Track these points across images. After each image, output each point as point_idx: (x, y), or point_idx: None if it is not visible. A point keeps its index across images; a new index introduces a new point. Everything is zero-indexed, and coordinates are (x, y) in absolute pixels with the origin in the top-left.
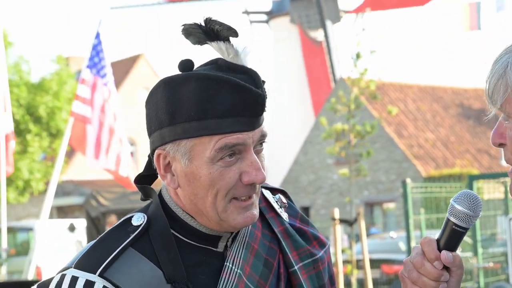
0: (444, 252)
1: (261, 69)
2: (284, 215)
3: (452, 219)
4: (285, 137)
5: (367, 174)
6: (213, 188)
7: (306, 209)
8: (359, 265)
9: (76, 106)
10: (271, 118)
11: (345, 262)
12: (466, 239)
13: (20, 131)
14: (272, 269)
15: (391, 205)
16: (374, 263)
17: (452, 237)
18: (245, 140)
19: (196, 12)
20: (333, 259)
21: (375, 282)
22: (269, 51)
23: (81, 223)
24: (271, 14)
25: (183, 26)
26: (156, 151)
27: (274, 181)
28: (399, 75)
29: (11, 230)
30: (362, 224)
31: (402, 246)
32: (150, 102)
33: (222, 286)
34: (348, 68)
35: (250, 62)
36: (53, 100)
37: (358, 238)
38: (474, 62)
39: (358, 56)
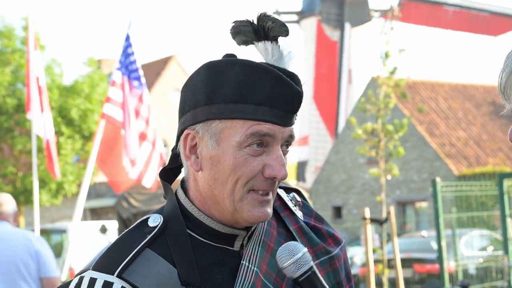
0: None
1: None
2: (299, 214)
3: (295, 276)
4: (318, 137)
5: (397, 173)
6: (235, 174)
7: (338, 209)
8: (391, 264)
9: (107, 108)
10: (303, 118)
11: (377, 261)
12: (497, 237)
13: None
14: None
15: (423, 204)
16: (406, 263)
17: (308, 286)
18: (276, 133)
19: (227, 13)
20: (364, 259)
21: (407, 281)
22: (300, 51)
23: (113, 225)
24: (302, 14)
25: (233, 24)
26: (186, 131)
27: (307, 180)
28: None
29: (45, 232)
30: (393, 223)
31: (434, 245)
32: (189, 84)
33: (239, 284)
34: (377, 67)
35: (293, 66)
36: (85, 103)
37: (389, 237)
38: None
39: (387, 55)
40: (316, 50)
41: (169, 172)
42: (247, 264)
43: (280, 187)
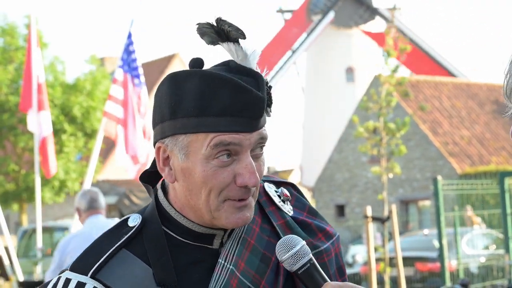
0: None
1: (296, 67)
2: (286, 208)
3: (294, 269)
4: (320, 135)
5: (399, 172)
6: (206, 186)
7: (341, 207)
8: (392, 263)
9: (109, 106)
10: (306, 116)
11: (379, 260)
12: (498, 235)
13: (55, 131)
14: (270, 264)
15: (426, 203)
16: (408, 261)
17: (307, 279)
18: (242, 141)
19: (230, 10)
20: (366, 257)
21: (409, 280)
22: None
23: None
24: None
25: (197, 25)
26: (157, 144)
27: (309, 179)
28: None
29: (47, 230)
30: (395, 222)
31: (436, 243)
32: (156, 96)
33: (214, 283)
34: (379, 66)
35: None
36: (87, 100)
37: (391, 236)
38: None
39: (389, 53)
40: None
41: (151, 175)
42: (223, 262)
43: (271, 181)
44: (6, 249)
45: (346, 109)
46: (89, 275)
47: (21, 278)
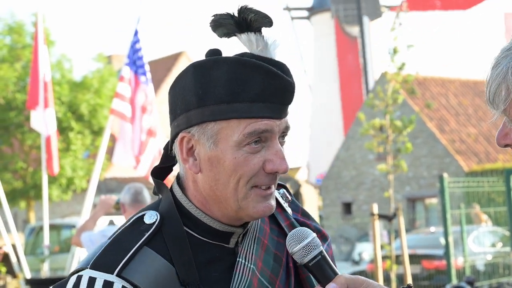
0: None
1: (303, 65)
2: (289, 210)
3: (305, 261)
4: (327, 133)
5: (405, 169)
6: (236, 173)
7: (348, 205)
8: (399, 260)
9: (116, 104)
10: (313, 114)
11: (385, 257)
12: (505, 233)
13: (62, 129)
14: (281, 264)
15: (433, 201)
16: (414, 259)
17: (318, 271)
18: (273, 128)
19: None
20: (372, 255)
21: (415, 277)
22: (310, 47)
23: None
24: (312, 10)
25: (213, 17)
26: (180, 134)
27: (316, 177)
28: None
29: (55, 227)
30: (401, 219)
31: (443, 241)
32: (177, 86)
33: (236, 282)
34: (386, 63)
35: (279, 54)
36: (94, 98)
37: (397, 233)
38: None
39: (395, 50)
40: (336, 47)
41: (161, 170)
42: (243, 261)
43: None
44: (14, 246)
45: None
46: (115, 273)
47: (28, 276)
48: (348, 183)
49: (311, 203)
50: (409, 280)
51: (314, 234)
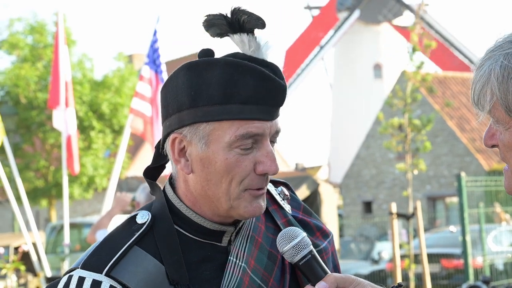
0: (316, 285)
1: (324, 64)
2: (287, 207)
3: (295, 260)
4: (348, 132)
5: (424, 168)
6: (228, 174)
7: (368, 204)
8: (418, 259)
9: (135, 103)
10: (334, 112)
11: (404, 256)
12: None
13: (83, 128)
14: (276, 262)
15: (453, 199)
16: (433, 258)
17: (308, 271)
18: (264, 130)
19: (256, 8)
20: (391, 253)
21: (434, 276)
22: (331, 46)
23: None
24: None
25: (206, 17)
26: (172, 135)
27: (336, 175)
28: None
29: (76, 226)
30: (420, 218)
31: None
32: (169, 86)
33: (227, 280)
34: (404, 62)
35: (271, 56)
36: (115, 97)
37: (416, 232)
38: None
39: (414, 49)
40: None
41: (154, 170)
42: (234, 259)
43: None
44: (34, 245)
45: (374, 105)
46: (103, 273)
47: (49, 274)
48: (368, 182)
49: (330, 202)
50: (428, 279)
51: (304, 234)
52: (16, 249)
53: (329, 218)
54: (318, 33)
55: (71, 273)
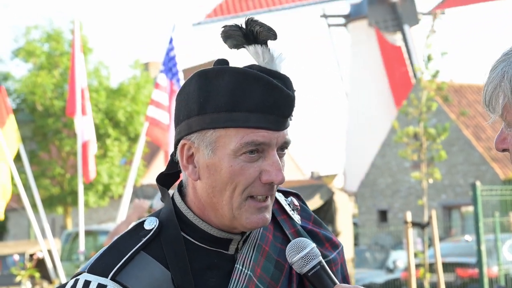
0: None
1: (340, 72)
2: (296, 217)
3: (304, 271)
4: (363, 140)
5: (439, 177)
6: (232, 182)
7: (383, 213)
8: (433, 268)
9: (150, 111)
10: (350, 121)
11: (419, 265)
12: None
13: (99, 136)
14: (283, 271)
15: (469, 209)
16: (449, 267)
17: (317, 281)
18: (271, 139)
19: (274, 19)
20: (406, 262)
21: (449, 285)
22: (347, 54)
23: None
24: (349, 18)
25: (223, 28)
26: (181, 141)
27: (352, 184)
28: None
29: (91, 233)
30: (435, 227)
31: None
32: (182, 93)
33: None
34: (420, 71)
35: (284, 68)
36: (131, 105)
37: (431, 241)
38: None
39: (429, 58)
40: (382, 57)
41: (168, 177)
42: (240, 267)
43: (279, 191)
44: (50, 252)
45: (389, 114)
46: (109, 277)
47: (64, 281)
48: (384, 191)
49: (345, 211)
50: None
51: (314, 245)
52: (31, 256)
53: (344, 227)
54: None
55: (77, 277)
